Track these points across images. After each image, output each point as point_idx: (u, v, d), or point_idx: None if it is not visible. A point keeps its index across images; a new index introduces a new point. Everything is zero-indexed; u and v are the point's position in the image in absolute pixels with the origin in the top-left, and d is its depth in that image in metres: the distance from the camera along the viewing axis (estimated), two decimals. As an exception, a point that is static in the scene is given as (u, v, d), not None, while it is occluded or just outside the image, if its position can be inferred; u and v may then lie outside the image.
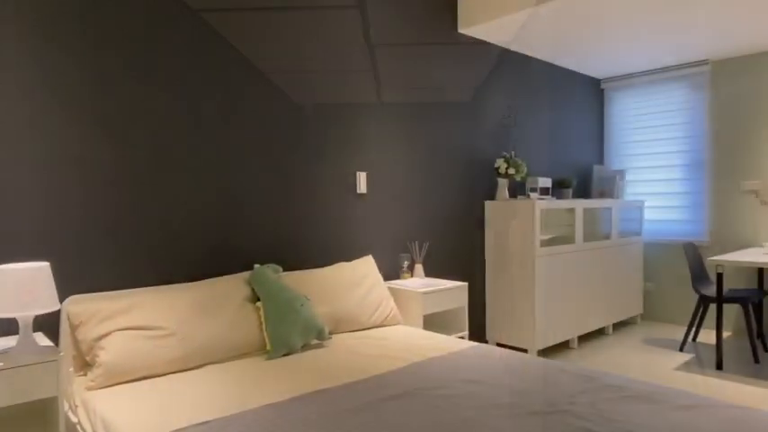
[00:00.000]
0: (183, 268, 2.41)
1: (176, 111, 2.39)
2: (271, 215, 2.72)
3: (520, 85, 4.23)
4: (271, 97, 2.72)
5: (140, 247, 2.29)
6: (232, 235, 2.58)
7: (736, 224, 4.41)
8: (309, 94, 2.88)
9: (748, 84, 4.33)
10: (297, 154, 2.83)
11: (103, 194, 2.19)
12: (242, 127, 2.61)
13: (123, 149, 2.24)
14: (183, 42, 2.41)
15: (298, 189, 2.83)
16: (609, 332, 4.43)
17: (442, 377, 1.93)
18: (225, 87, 2.55)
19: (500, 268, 3.81)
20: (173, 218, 2.38)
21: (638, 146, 5.03)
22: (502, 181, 3.86)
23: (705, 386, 3.20)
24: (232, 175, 2.58)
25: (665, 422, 1.54)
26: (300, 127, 2.84)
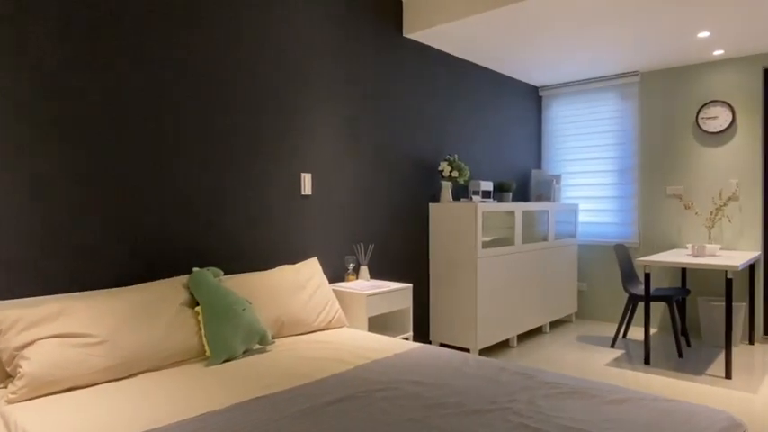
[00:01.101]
0: (115, 272, 2.30)
1: (104, 106, 2.28)
2: (211, 217, 2.64)
3: (463, 90, 4.32)
4: (209, 95, 2.64)
5: (69, 250, 2.16)
6: (169, 237, 2.48)
7: (662, 227, 4.70)
8: (251, 95, 2.82)
9: (673, 95, 4.63)
10: (238, 154, 2.76)
11: (29, 196, 2.05)
12: (177, 124, 2.52)
13: (50, 149, 2.11)
14: (98, 36, 2.30)
15: (240, 190, 2.76)
16: (546, 330, 4.59)
17: (386, 379, 1.93)
18: (160, 83, 2.45)
19: (444, 270, 3.87)
20: (104, 220, 2.26)
21: (573, 151, 5.26)
22: (445, 184, 3.93)
23: (634, 380, 3.38)
24: (169, 175, 2.48)
25: (599, 416, 1.61)
26: (241, 125, 2.78)
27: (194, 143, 2.57)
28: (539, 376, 1.98)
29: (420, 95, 3.89)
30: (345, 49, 3.31)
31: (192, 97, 2.55)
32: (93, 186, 2.23)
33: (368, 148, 3.49)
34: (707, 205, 4.43)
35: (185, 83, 2.52)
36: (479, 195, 4.06)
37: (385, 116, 3.61)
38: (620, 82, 4.89)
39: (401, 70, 3.72)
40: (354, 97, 3.39)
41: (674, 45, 4.01)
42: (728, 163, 4.36)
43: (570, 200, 5.24)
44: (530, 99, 5.28)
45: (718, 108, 4.38)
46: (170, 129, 2.48)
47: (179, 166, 2.51)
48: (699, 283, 4.45)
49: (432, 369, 2.07)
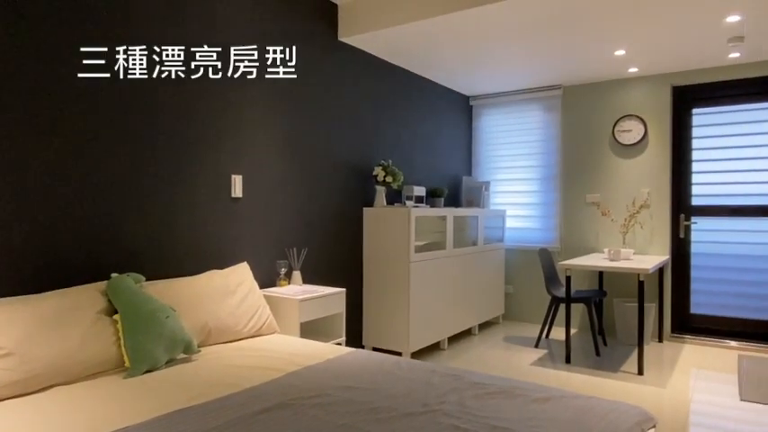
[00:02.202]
0: (24, 279, 2.12)
1: (20, 101, 2.10)
2: (132, 219, 2.50)
3: (398, 96, 4.37)
4: (129, 90, 2.50)
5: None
6: (85, 240, 2.32)
7: (582, 232, 4.97)
8: (178, 92, 2.70)
9: (592, 108, 4.92)
10: (163, 153, 2.63)
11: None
12: (96, 121, 2.37)
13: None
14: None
15: (164, 191, 2.64)
16: (475, 332, 4.73)
17: (318, 385, 1.90)
18: (66, 70, 2.29)
19: (377, 274, 3.89)
20: (9, 220, 2.08)
21: (501, 159, 5.46)
22: (380, 188, 3.95)
23: (556, 378, 3.54)
24: (86, 174, 2.32)
25: (524, 414, 1.67)
26: (165, 123, 2.66)
27: (114, 140, 2.42)
28: (468, 377, 2.03)
29: (355, 100, 3.89)
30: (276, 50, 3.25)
31: (112, 93, 2.41)
32: (16, 190, 2.05)
33: (302, 151, 3.45)
34: (622, 212, 4.74)
35: (104, 78, 2.38)
36: (413, 200, 4.12)
37: (320, 120, 3.58)
38: (544, 94, 5.13)
39: (336, 74, 3.70)
40: (286, 98, 3.33)
41: (593, 62, 4.27)
42: (641, 173, 4.69)
43: (498, 206, 5.43)
44: (461, 108, 5.43)
45: (632, 122, 4.70)
46: (88, 124, 2.32)
47: (98, 163, 2.36)
48: (614, 285, 4.75)
49: (364, 374, 2.07)
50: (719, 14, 3.24)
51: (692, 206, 4.58)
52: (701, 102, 4.54)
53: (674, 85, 4.57)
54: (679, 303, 4.62)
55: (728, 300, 4.43)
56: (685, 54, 4.04)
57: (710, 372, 3.70)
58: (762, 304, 4.29)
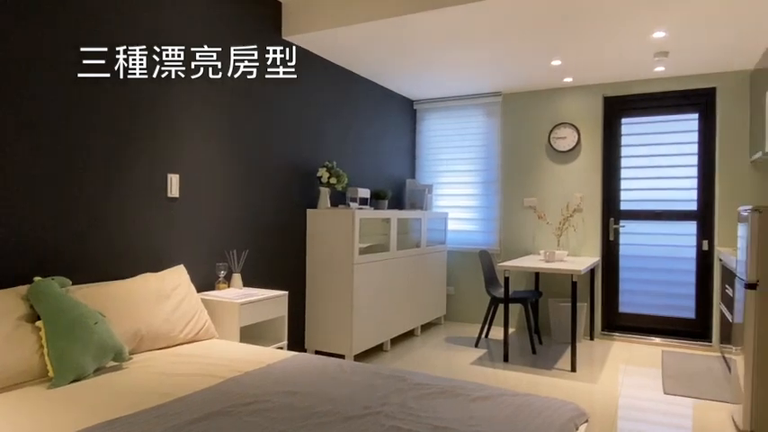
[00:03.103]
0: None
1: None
2: (58, 219, 2.34)
3: (343, 97, 4.35)
4: (62, 80, 2.35)
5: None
6: (5, 241, 2.15)
7: (520, 235, 5.14)
8: (111, 87, 2.56)
9: (530, 115, 5.10)
10: (95, 149, 2.49)
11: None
12: (19, 111, 2.21)
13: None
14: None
15: (95, 189, 2.49)
16: (417, 333, 4.78)
17: (258, 391, 1.86)
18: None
19: (320, 276, 3.85)
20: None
21: (444, 163, 5.55)
22: (324, 190, 3.92)
23: (495, 377, 3.64)
24: (6, 170, 2.16)
25: (465, 413, 1.70)
26: (97, 117, 2.51)
27: (41, 136, 2.27)
28: (410, 378, 2.04)
29: (299, 100, 3.84)
30: (219, 46, 3.15)
31: (40, 88, 2.25)
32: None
33: (243, 150, 3.36)
34: (556, 216, 4.94)
35: (35, 71, 2.22)
36: (357, 202, 4.11)
37: (263, 119, 3.50)
38: (485, 101, 5.27)
39: (279, 72, 3.63)
40: (228, 97, 3.24)
41: (531, 70, 4.43)
42: (574, 178, 4.91)
43: (441, 208, 5.52)
44: (405, 111, 5.48)
45: (566, 129, 4.91)
46: (12, 119, 2.16)
47: (22, 159, 2.19)
48: (549, 285, 4.94)
49: (306, 378, 2.04)
50: (646, 30, 3.44)
51: (620, 210, 4.84)
52: (630, 112, 4.81)
53: (606, 95, 4.82)
54: (609, 302, 4.87)
55: (653, 299, 4.71)
56: (615, 66, 4.27)
57: (637, 367, 3.91)
58: (682, 303, 4.60)
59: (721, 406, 3.11)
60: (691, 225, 4.56)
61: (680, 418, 3.00)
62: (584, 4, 3.04)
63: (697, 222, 4.54)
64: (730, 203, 4.27)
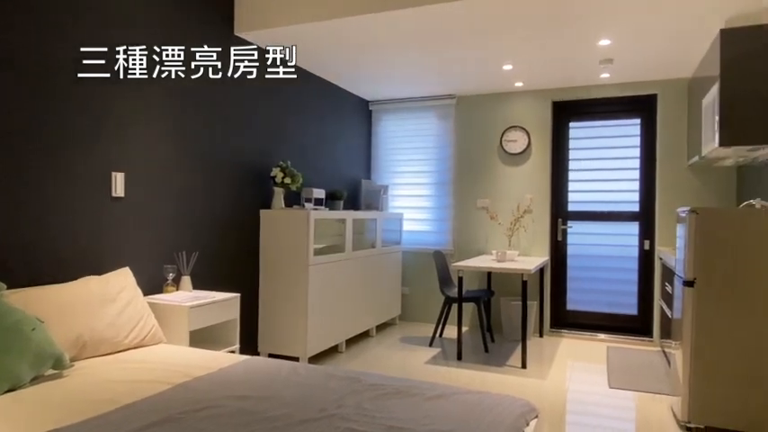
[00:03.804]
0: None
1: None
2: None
3: (297, 97, 4.30)
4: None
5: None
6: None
7: (473, 235, 5.23)
8: (47, 80, 2.43)
9: (482, 118, 5.20)
10: (33, 145, 2.35)
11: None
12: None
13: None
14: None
15: (33, 188, 2.36)
16: (373, 334, 4.78)
17: (208, 397, 1.80)
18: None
19: (274, 277, 3.78)
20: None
21: (399, 164, 5.59)
22: (278, 190, 3.86)
23: (449, 376, 3.68)
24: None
25: (419, 413, 1.71)
26: (40, 113, 2.38)
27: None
28: (365, 379, 2.03)
29: (252, 99, 3.77)
30: (169, 41, 3.05)
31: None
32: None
33: (194, 149, 3.26)
34: (508, 216, 5.06)
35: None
36: (312, 203, 4.07)
37: (214, 117, 3.42)
38: (439, 103, 5.34)
39: (231, 70, 3.55)
40: (178, 94, 3.14)
41: (483, 74, 4.52)
42: (525, 180, 5.04)
43: (396, 209, 5.55)
44: (361, 112, 5.48)
45: (517, 132, 5.04)
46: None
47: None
48: (501, 284, 5.05)
49: (259, 382, 2.00)
50: (593, 38, 3.58)
51: (568, 211, 5.01)
52: (577, 116, 4.99)
53: (554, 100, 4.97)
54: (557, 301, 5.03)
55: (598, 296, 4.90)
56: (564, 72, 4.42)
57: (584, 363, 4.06)
58: (625, 300, 4.80)
59: (662, 398, 3.27)
60: (633, 226, 4.77)
61: (624, 410, 3.13)
62: (533, 11, 3.13)
63: (639, 223, 4.76)
64: (670, 205, 4.50)
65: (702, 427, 2.75)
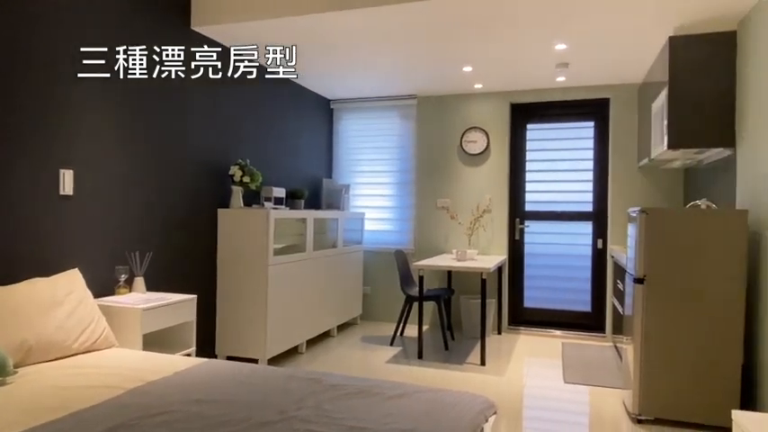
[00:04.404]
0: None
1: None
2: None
3: (257, 94, 4.23)
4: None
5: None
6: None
7: (433, 234, 5.28)
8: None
9: (443, 119, 5.26)
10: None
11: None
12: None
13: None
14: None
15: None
16: (334, 334, 4.75)
17: (163, 402, 1.75)
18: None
19: (233, 278, 3.71)
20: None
21: (361, 163, 5.58)
22: (236, 189, 3.78)
23: (410, 374, 3.70)
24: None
25: (380, 412, 1.71)
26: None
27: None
28: (326, 380, 2.02)
29: (210, 95, 3.68)
30: (122, 34, 2.95)
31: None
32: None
33: (147, 145, 3.16)
34: (468, 216, 5.13)
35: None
36: (272, 202, 4.01)
37: (170, 114, 3.32)
38: (401, 103, 5.36)
39: (188, 66, 3.46)
40: (131, 89, 3.03)
41: (444, 75, 4.56)
42: (484, 181, 5.12)
43: (358, 208, 5.54)
44: (322, 110, 5.44)
45: (477, 134, 5.12)
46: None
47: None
48: (461, 283, 5.12)
49: (217, 385, 1.95)
50: (549, 42, 3.67)
51: (525, 211, 5.12)
52: (534, 118, 5.11)
53: (512, 102, 5.07)
54: (515, 298, 5.14)
55: (554, 294, 5.04)
56: (521, 75, 4.51)
57: (540, 359, 4.16)
58: (579, 297, 4.95)
59: (614, 392, 3.39)
60: (587, 225, 4.93)
61: (578, 404, 3.22)
62: (492, 14, 3.18)
63: (592, 222, 4.91)
64: (621, 205, 4.67)
65: (652, 418, 2.86)
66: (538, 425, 2.90)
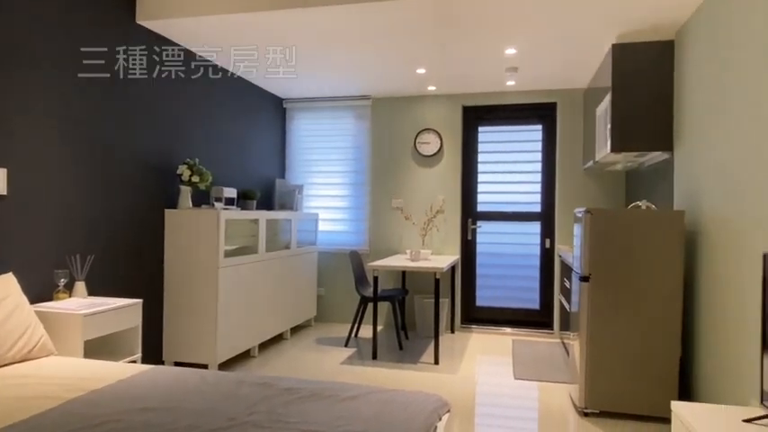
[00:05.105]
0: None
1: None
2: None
3: (207, 92, 4.12)
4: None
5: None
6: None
7: (388, 235, 5.30)
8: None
9: (397, 120, 5.29)
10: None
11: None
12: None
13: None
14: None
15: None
16: (287, 336, 4.69)
17: (107, 411, 1.67)
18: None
19: (181, 281, 3.59)
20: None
21: (315, 164, 5.53)
22: (185, 189, 3.67)
23: (364, 375, 3.70)
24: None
25: (333, 414, 1.70)
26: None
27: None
28: (278, 384, 1.99)
29: (157, 92, 3.55)
30: (62, 26, 2.80)
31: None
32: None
33: (88, 143, 3.02)
34: (421, 217, 5.18)
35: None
36: (222, 202, 3.91)
37: (113, 111, 3.18)
38: (355, 103, 5.35)
39: (134, 61, 3.33)
40: (71, 84, 2.89)
41: (398, 76, 4.59)
42: (437, 181, 5.19)
43: (312, 209, 5.48)
44: (274, 109, 5.35)
45: (430, 135, 5.18)
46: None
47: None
48: (415, 283, 5.16)
49: (164, 392, 1.88)
50: (500, 47, 3.75)
51: (477, 212, 5.22)
52: (485, 121, 5.21)
53: (464, 104, 5.16)
54: (467, 297, 5.22)
55: (504, 292, 5.16)
56: (473, 78, 4.60)
57: (491, 356, 4.25)
58: (529, 295, 5.09)
59: (562, 387, 3.50)
60: (536, 225, 5.07)
61: (528, 400, 3.31)
62: (443, 17, 3.22)
63: (541, 222, 5.06)
64: (568, 206, 4.83)
65: (597, 411, 2.98)
66: (489, 421, 2.96)
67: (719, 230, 2.57)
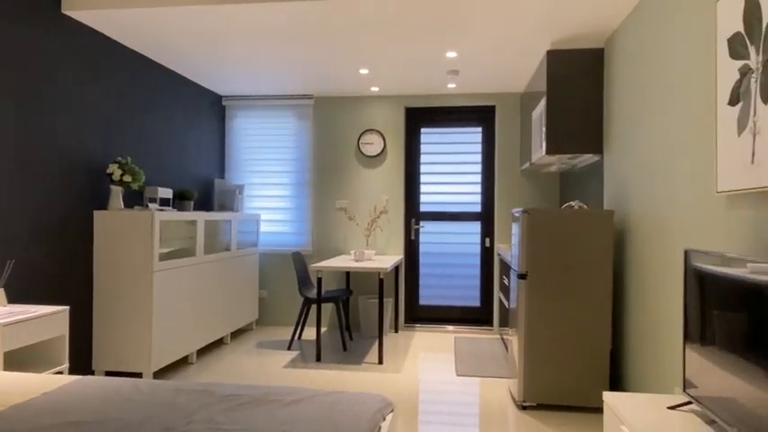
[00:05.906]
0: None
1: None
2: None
3: (140, 87, 3.93)
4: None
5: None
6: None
7: (332, 236, 5.27)
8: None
9: (340, 120, 5.26)
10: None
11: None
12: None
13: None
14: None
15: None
16: (227, 341, 4.56)
17: (30, 426, 1.56)
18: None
19: (112, 286, 3.41)
20: None
21: (256, 163, 5.41)
22: (116, 189, 3.49)
23: (308, 378, 3.66)
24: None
25: (276, 420, 1.66)
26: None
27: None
28: (218, 391, 1.93)
29: (84, 86, 3.35)
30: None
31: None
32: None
33: (7, 141, 2.81)
34: (365, 217, 5.18)
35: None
36: (157, 203, 3.75)
37: (36, 106, 2.97)
38: (297, 102, 5.28)
39: (59, 54, 3.13)
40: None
41: (341, 76, 4.57)
42: (381, 182, 5.21)
43: (253, 210, 5.36)
44: (213, 107, 5.19)
45: (374, 136, 5.19)
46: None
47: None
48: (359, 283, 5.16)
49: (93, 404, 1.78)
50: (441, 50, 3.81)
51: (420, 212, 5.29)
52: (427, 122, 5.29)
53: (407, 106, 5.21)
54: (411, 297, 5.28)
55: (447, 291, 5.25)
56: (415, 80, 4.65)
57: (434, 354, 4.31)
58: (470, 293, 5.21)
59: (502, 381, 3.60)
60: (476, 225, 5.20)
61: (469, 395, 3.38)
62: (383, 18, 3.24)
63: (481, 222, 5.19)
64: (506, 206, 4.99)
65: (535, 404, 3.08)
66: (432, 418, 3.00)
67: (645, 229, 2.73)
